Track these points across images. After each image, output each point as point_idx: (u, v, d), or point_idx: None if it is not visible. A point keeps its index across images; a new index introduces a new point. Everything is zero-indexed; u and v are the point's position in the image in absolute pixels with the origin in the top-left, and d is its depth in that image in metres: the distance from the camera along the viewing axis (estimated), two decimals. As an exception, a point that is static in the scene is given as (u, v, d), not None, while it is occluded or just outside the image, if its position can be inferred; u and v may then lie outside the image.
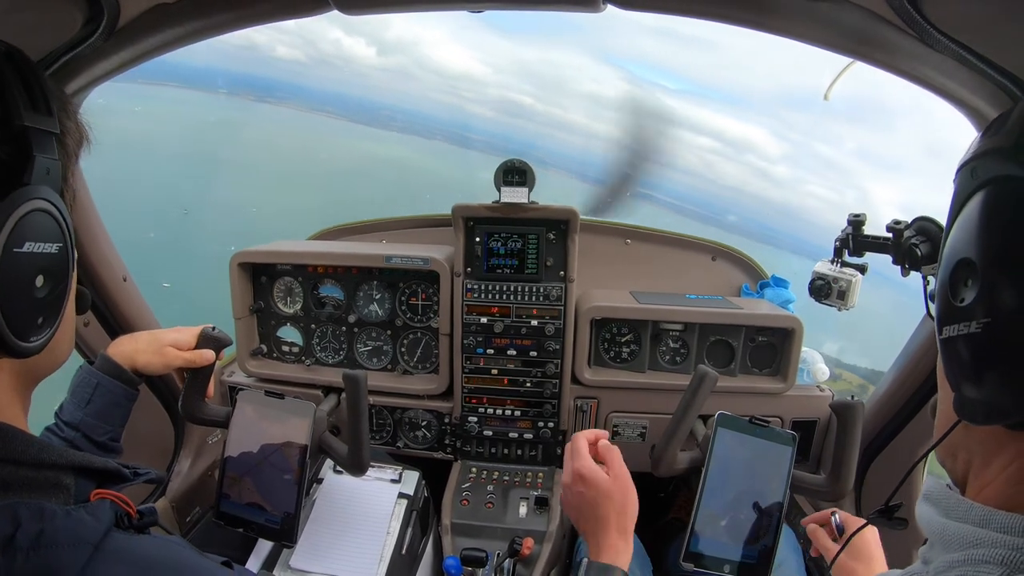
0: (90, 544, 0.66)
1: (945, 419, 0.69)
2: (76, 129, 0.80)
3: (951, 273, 0.62)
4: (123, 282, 1.71)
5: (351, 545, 1.70)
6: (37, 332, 0.70)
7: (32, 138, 0.68)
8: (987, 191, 0.61)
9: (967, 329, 0.59)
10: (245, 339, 2.08)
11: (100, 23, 1.07)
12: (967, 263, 0.60)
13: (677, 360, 2.01)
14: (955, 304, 0.61)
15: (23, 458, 0.69)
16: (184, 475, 1.95)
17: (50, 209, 0.69)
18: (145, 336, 1.42)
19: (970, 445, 0.67)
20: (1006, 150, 0.60)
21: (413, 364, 2.13)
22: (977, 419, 0.61)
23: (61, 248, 0.72)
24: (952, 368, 0.63)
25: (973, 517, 0.61)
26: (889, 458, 1.72)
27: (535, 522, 1.83)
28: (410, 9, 1.24)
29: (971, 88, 1.03)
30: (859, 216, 1.45)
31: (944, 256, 0.65)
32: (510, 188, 1.87)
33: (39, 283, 0.69)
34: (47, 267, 0.70)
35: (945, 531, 0.62)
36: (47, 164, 0.70)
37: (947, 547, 0.62)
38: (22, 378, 0.77)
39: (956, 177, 0.68)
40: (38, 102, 0.69)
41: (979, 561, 0.56)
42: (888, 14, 0.94)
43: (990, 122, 0.65)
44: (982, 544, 0.57)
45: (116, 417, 1.32)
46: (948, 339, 0.63)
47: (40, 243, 0.68)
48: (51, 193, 0.70)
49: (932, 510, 0.67)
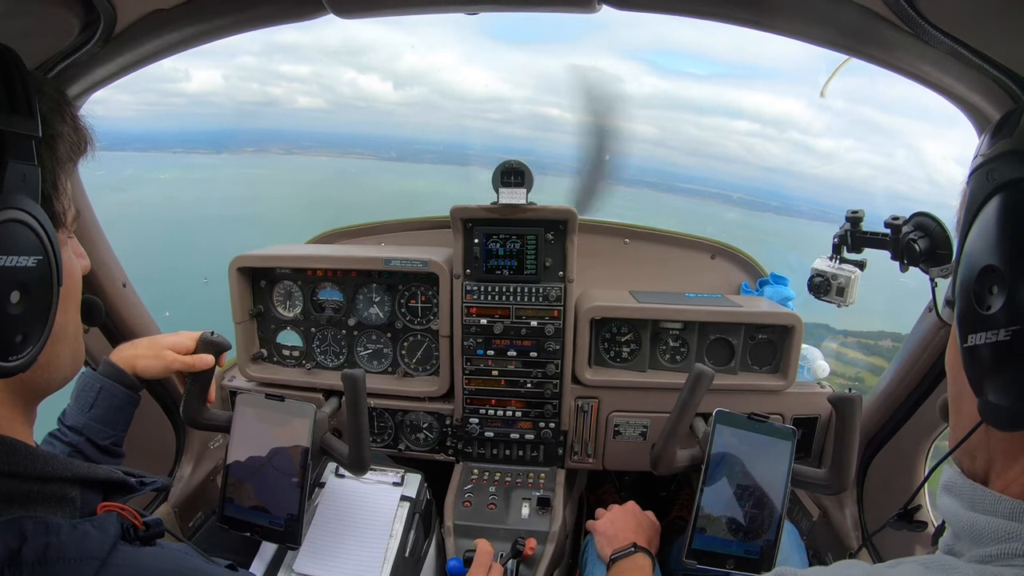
0: (96, 559, 0.66)
1: (965, 421, 0.68)
2: (73, 134, 0.76)
3: (976, 280, 0.61)
4: (123, 288, 1.71)
5: (354, 548, 1.70)
6: (16, 351, 0.65)
7: (6, 143, 0.63)
8: (1007, 194, 0.60)
9: (995, 337, 0.58)
10: (245, 343, 2.07)
11: (97, 29, 1.06)
12: (991, 270, 0.59)
13: (677, 359, 2.01)
14: (981, 312, 0.60)
15: (27, 472, 0.68)
16: (186, 480, 1.95)
17: (24, 220, 0.64)
18: (144, 341, 1.43)
19: (991, 445, 0.66)
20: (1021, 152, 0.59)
21: (413, 366, 2.12)
22: (1007, 425, 0.60)
23: (40, 262, 0.66)
24: (978, 375, 0.62)
25: (1003, 510, 0.60)
26: (891, 453, 1.72)
27: (538, 522, 1.83)
28: (404, 12, 1.24)
29: (967, 84, 1.03)
30: (857, 212, 1.46)
31: (964, 262, 0.64)
32: (508, 189, 1.87)
33: (14, 299, 0.63)
34: (23, 281, 0.65)
35: (975, 525, 0.61)
36: (23, 171, 0.65)
37: (977, 541, 0.61)
38: (20, 395, 0.75)
39: (969, 179, 0.66)
40: (17, 103, 0.65)
41: (1014, 555, 0.56)
42: (884, 11, 0.94)
43: (998, 121, 0.64)
44: (1015, 538, 0.57)
45: (119, 421, 1.33)
46: (974, 347, 0.61)
47: (12, 256, 0.63)
48: (27, 202, 0.65)
49: (956, 502, 0.66)
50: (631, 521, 1.63)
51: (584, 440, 2.03)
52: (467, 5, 1.21)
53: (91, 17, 1.04)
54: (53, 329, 0.70)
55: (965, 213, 0.66)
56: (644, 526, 1.63)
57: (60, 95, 0.76)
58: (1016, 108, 0.63)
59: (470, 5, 1.20)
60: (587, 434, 2.03)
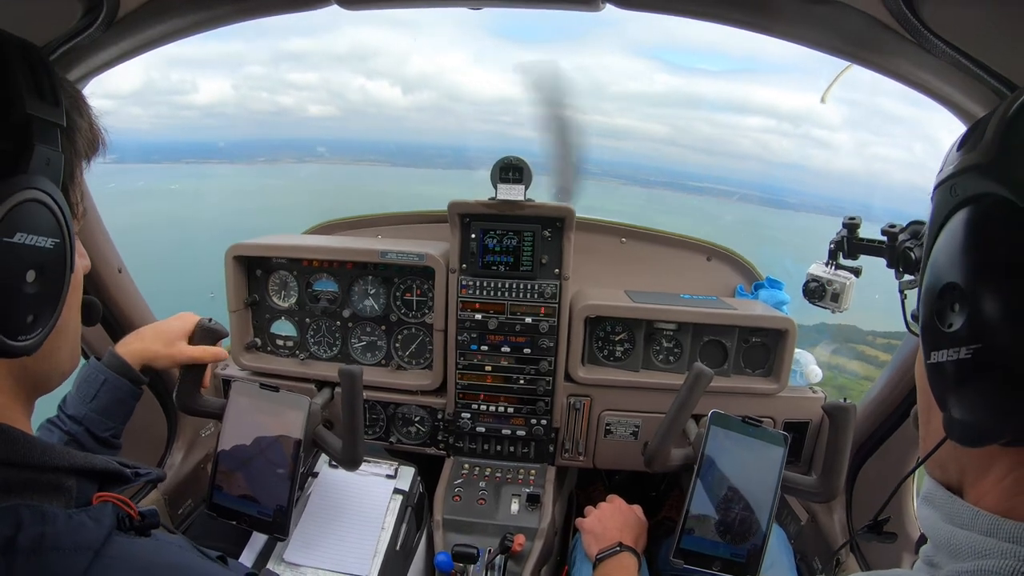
0: (91, 549, 0.65)
1: (934, 434, 0.68)
2: (88, 129, 0.77)
3: (937, 298, 0.60)
4: (118, 274, 1.70)
5: (346, 539, 1.70)
6: (27, 331, 0.66)
7: (35, 127, 0.65)
8: (970, 210, 0.58)
9: (956, 355, 0.58)
10: (239, 332, 2.07)
11: (99, 13, 1.06)
12: (953, 287, 0.58)
13: (671, 360, 2.02)
14: (942, 330, 0.59)
15: (25, 461, 0.68)
16: (177, 468, 1.95)
17: (47, 201, 0.66)
18: (148, 333, 1.43)
19: (961, 458, 0.66)
20: (984, 166, 0.58)
21: (407, 359, 2.13)
22: (970, 442, 0.60)
23: (58, 245, 0.68)
24: (941, 392, 0.62)
25: (979, 525, 0.60)
26: (880, 461, 1.73)
27: (527, 519, 1.84)
28: (409, 5, 1.24)
29: (967, 93, 1.04)
30: (854, 219, 1.46)
31: (927, 278, 0.63)
32: (507, 185, 1.86)
33: (30, 278, 0.65)
34: (40, 262, 0.66)
35: (952, 539, 0.61)
36: (48, 155, 0.67)
37: (954, 555, 0.61)
38: (22, 383, 0.75)
39: (934, 194, 0.65)
40: (45, 92, 0.67)
41: (989, 572, 0.56)
42: (886, 18, 0.95)
43: (964, 134, 0.62)
44: (991, 555, 0.57)
45: (119, 414, 1.33)
46: (937, 364, 0.61)
47: (33, 235, 0.64)
48: (50, 185, 0.67)
49: (935, 514, 0.66)
50: (618, 519, 1.64)
51: (575, 438, 2.04)
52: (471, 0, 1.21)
53: (94, 2, 1.04)
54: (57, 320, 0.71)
55: (928, 228, 0.65)
56: (631, 524, 1.64)
57: (77, 91, 0.77)
58: (981, 120, 0.60)
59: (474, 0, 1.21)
60: (578, 432, 2.03)
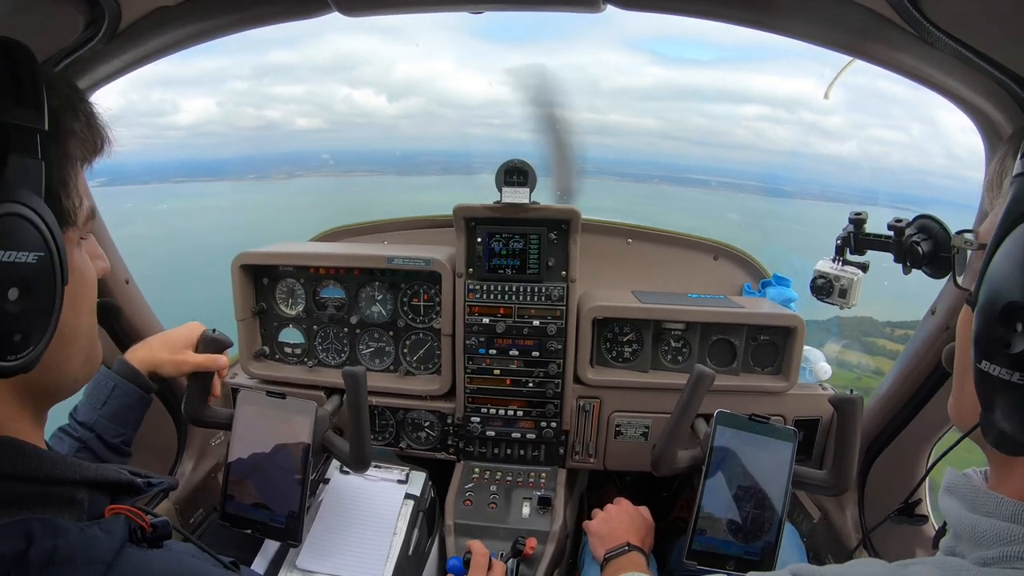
0: (103, 563, 0.65)
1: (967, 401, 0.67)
2: (85, 131, 0.74)
3: (1000, 312, 0.56)
4: (125, 285, 1.71)
5: (358, 545, 1.70)
6: (16, 350, 0.62)
7: (8, 133, 0.61)
8: None
9: (1009, 377, 0.55)
10: (247, 341, 2.08)
11: (101, 26, 1.07)
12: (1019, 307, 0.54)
13: (679, 359, 2.01)
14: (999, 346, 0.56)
15: (35, 475, 0.67)
16: (187, 477, 1.96)
17: (25, 214, 0.62)
18: (156, 342, 1.44)
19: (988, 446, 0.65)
20: None
21: (415, 365, 2.13)
22: (1007, 451, 0.59)
23: (42, 259, 0.64)
24: (988, 397, 0.60)
25: (1004, 512, 0.59)
26: (892, 455, 1.72)
27: (538, 522, 1.83)
28: (410, 10, 1.24)
29: (971, 86, 1.03)
30: (860, 214, 1.45)
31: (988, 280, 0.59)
32: (511, 188, 1.86)
33: (12, 296, 0.61)
34: (23, 278, 0.62)
35: (976, 527, 0.61)
36: (25, 164, 0.63)
37: (978, 543, 0.60)
38: (28, 395, 0.73)
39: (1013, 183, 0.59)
40: (24, 96, 0.63)
41: (1015, 558, 0.56)
42: (889, 12, 0.94)
43: None
44: (1016, 540, 0.57)
45: (130, 421, 1.34)
46: (988, 374, 0.58)
47: (11, 252, 0.61)
48: (30, 196, 0.63)
49: (957, 504, 0.66)
50: (624, 520, 1.64)
51: (585, 440, 2.04)
52: (472, 4, 1.21)
53: (95, 14, 1.05)
54: (62, 330, 0.69)
55: (1000, 221, 0.59)
56: (637, 524, 1.64)
57: (73, 91, 0.73)
58: None
59: (475, 4, 1.21)
60: (588, 434, 2.03)
